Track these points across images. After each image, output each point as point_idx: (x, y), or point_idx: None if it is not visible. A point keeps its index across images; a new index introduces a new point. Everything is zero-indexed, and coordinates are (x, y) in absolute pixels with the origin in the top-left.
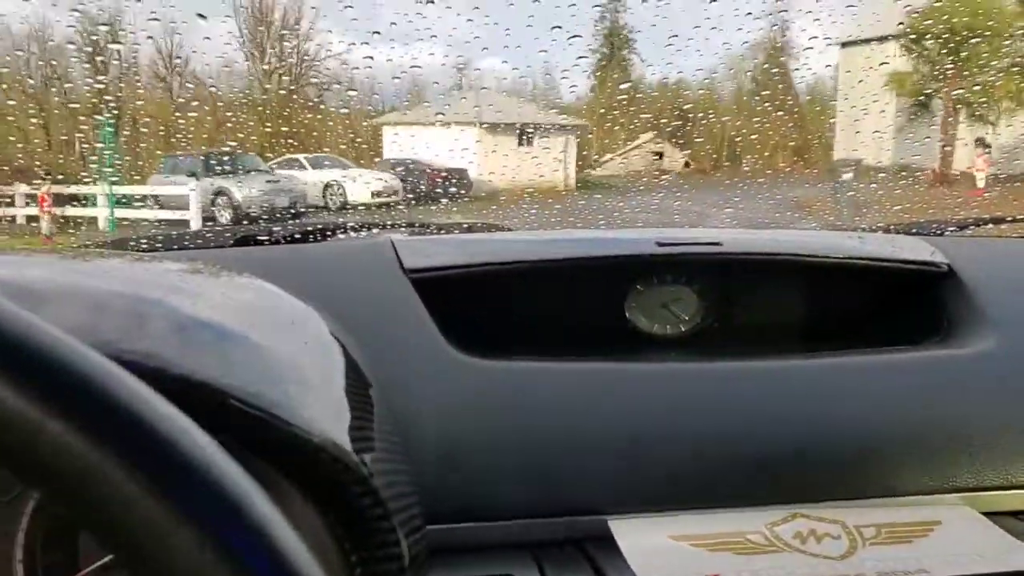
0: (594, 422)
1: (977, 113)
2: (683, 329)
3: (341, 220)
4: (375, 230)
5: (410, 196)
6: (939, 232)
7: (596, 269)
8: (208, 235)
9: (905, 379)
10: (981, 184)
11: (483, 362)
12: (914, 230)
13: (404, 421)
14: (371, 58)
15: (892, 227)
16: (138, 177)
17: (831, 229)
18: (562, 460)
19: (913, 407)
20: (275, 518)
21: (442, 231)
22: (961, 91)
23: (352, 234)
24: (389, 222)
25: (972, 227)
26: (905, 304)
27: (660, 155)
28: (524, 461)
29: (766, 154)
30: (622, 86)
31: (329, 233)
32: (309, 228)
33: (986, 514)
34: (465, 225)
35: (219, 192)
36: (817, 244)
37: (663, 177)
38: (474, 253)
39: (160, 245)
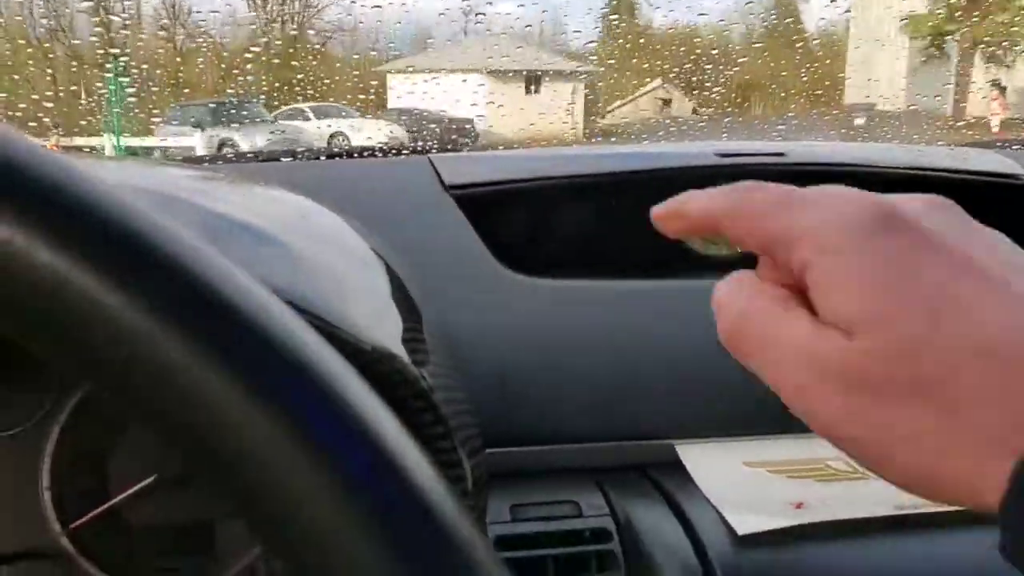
0: (657, 343)
1: (994, 55)
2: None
3: (370, 145)
4: (405, 153)
5: (416, 145)
6: (1006, 147)
7: (651, 183)
8: (230, 157)
9: None
10: (996, 128)
11: (536, 280)
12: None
13: (457, 340)
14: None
15: (953, 145)
16: (143, 128)
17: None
18: (624, 382)
19: None
20: (381, 410)
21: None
22: (978, 33)
23: (381, 156)
24: (421, 144)
25: None
26: (983, 218)
27: (668, 102)
28: (583, 383)
29: (777, 99)
30: (630, 31)
31: (356, 155)
32: (337, 150)
33: None
34: (501, 147)
35: (224, 143)
36: (881, 156)
37: (672, 124)
38: (517, 169)
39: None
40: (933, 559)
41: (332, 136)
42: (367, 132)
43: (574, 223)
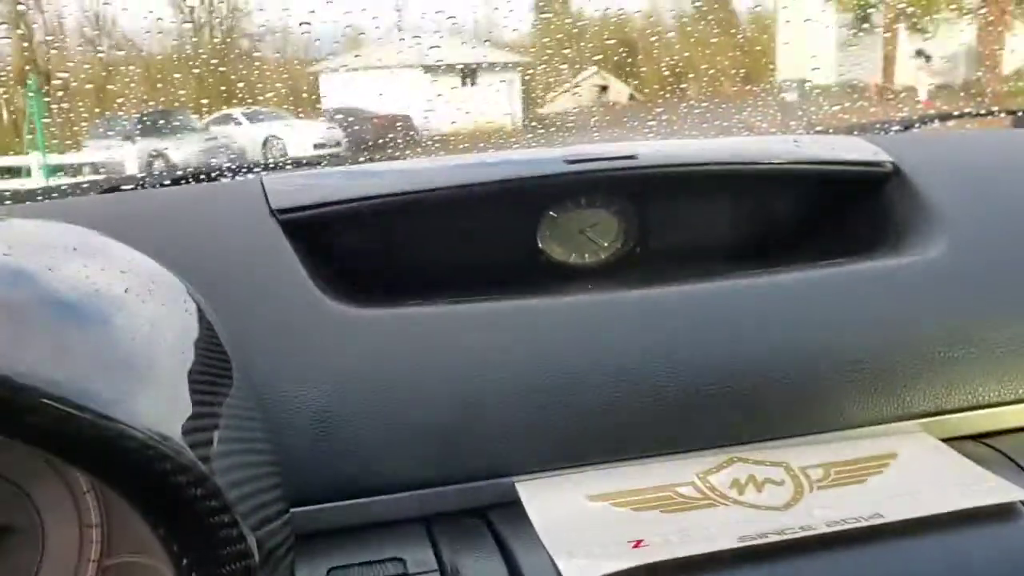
0: (500, 369)
1: (917, 25)
2: (603, 257)
3: (224, 164)
4: (258, 170)
5: (353, 145)
6: (883, 131)
7: (500, 195)
8: (66, 189)
9: (851, 294)
10: (924, 96)
11: (368, 311)
12: (855, 132)
13: (272, 387)
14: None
15: (831, 130)
16: (72, 144)
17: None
18: (463, 416)
19: (862, 325)
20: None
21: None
22: (901, 3)
23: (229, 177)
24: (274, 162)
25: (918, 125)
26: (849, 210)
27: (605, 88)
28: (417, 422)
29: (710, 80)
30: (563, 20)
31: (203, 177)
32: (181, 173)
33: (946, 440)
34: (363, 159)
35: (156, 155)
36: (746, 151)
37: (608, 113)
38: (356, 187)
39: (9, 199)
40: None
41: (266, 141)
42: (301, 134)
43: (414, 243)
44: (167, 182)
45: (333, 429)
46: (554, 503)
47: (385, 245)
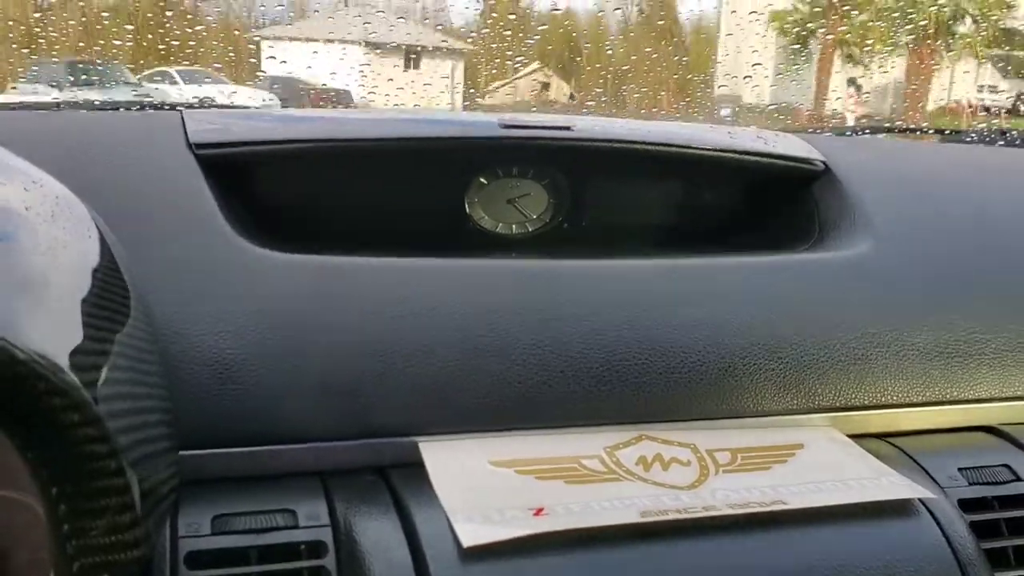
0: (414, 327)
1: (852, 54)
2: (530, 229)
3: (147, 100)
4: (167, 108)
5: (196, 101)
6: (816, 133)
7: (431, 153)
8: None
9: (772, 284)
10: (851, 123)
11: (281, 256)
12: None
13: (172, 324)
14: None
15: (766, 129)
16: (2, 85)
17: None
18: (370, 371)
19: (778, 316)
20: None
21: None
22: (838, 32)
23: (150, 111)
24: (199, 104)
25: (850, 133)
26: (777, 205)
27: (546, 86)
28: (322, 372)
29: (648, 88)
30: (513, 12)
31: (124, 108)
32: (99, 104)
33: (852, 436)
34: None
35: None
36: (681, 135)
37: (549, 107)
38: (282, 129)
39: None
40: (674, 569)
41: (201, 102)
42: (238, 100)
43: (337, 193)
44: (84, 106)
45: (232, 372)
46: (456, 465)
47: (306, 192)
